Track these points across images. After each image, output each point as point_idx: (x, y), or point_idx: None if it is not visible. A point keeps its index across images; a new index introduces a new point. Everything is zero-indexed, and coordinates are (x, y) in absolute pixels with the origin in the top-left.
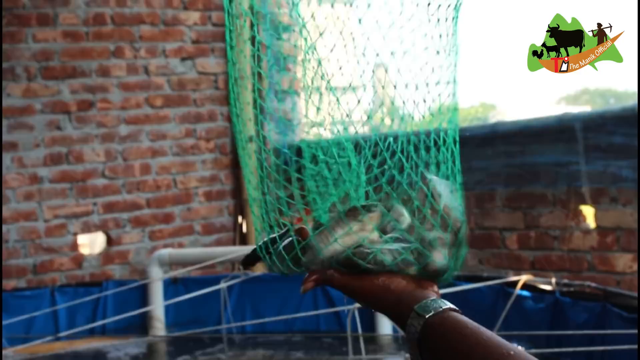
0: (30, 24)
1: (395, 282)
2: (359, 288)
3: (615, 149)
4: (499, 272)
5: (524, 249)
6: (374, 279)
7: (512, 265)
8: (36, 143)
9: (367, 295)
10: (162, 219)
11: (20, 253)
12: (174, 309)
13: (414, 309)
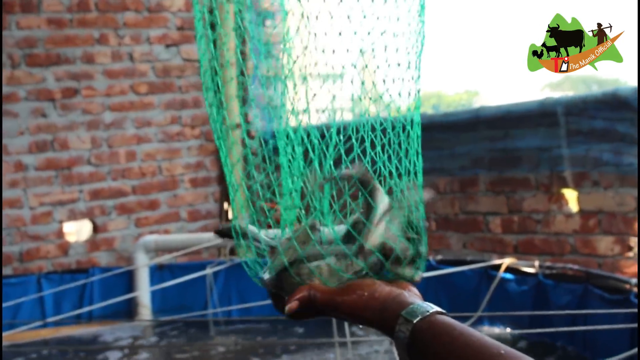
0: (13, 11)
1: (379, 290)
2: (342, 303)
3: (596, 133)
4: (483, 256)
5: (508, 232)
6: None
7: (495, 248)
8: (21, 131)
9: (352, 308)
10: (148, 205)
11: (6, 241)
12: (160, 295)
13: (401, 314)
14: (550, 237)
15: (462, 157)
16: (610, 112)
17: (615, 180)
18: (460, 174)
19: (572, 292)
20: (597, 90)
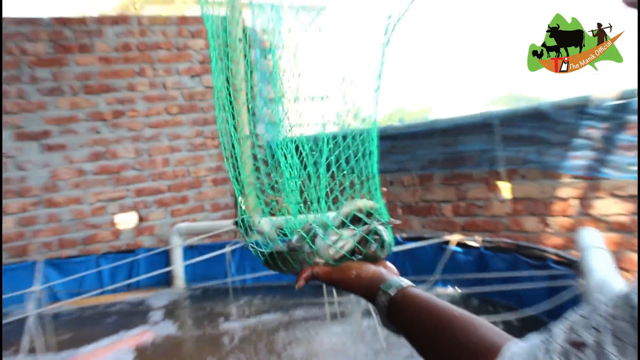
0: (72, 52)
1: (364, 272)
2: (338, 280)
3: (523, 138)
4: (438, 234)
5: (456, 215)
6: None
7: (447, 228)
8: (81, 144)
9: (345, 284)
10: (180, 200)
11: (72, 229)
12: (191, 268)
13: (381, 288)
14: (489, 219)
15: (421, 159)
16: (533, 122)
17: (538, 175)
18: (420, 172)
19: (506, 260)
20: (524, 105)
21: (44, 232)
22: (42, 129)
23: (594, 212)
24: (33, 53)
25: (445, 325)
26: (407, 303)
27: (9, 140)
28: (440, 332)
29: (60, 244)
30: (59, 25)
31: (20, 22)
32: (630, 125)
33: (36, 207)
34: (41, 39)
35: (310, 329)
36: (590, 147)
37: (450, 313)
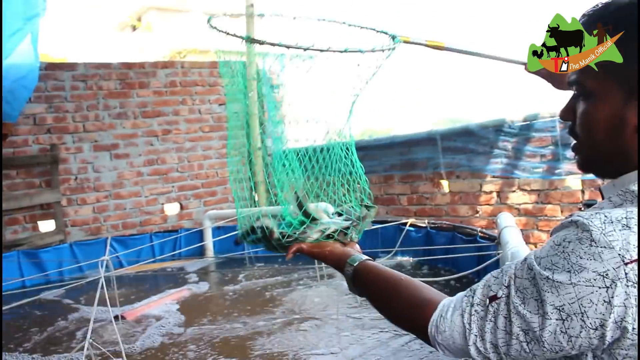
0: (135, 87)
1: (336, 249)
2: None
3: (457, 149)
4: (397, 218)
5: (410, 205)
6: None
7: (403, 214)
8: (139, 153)
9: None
10: (210, 194)
11: (132, 215)
12: (218, 243)
13: (347, 261)
14: (434, 207)
15: (385, 164)
16: (464, 137)
17: (468, 175)
18: (383, 173)
19: (446, 236)
20: (458, 125)
21: (112, 217)
22: (112, 143)
23: (508, 202)
24: (106, 88)
25: (393, 287)
26: (366, 272)
27: (89, 150)
28: (390, 292)
29: (124, 226)
30: (125, 68)
31: (98, 66)
32: (533, 140)
33: (107, 199)
34: (112, 78)
35: (305, 286)
36: (505, 155)
37: (398, 277)
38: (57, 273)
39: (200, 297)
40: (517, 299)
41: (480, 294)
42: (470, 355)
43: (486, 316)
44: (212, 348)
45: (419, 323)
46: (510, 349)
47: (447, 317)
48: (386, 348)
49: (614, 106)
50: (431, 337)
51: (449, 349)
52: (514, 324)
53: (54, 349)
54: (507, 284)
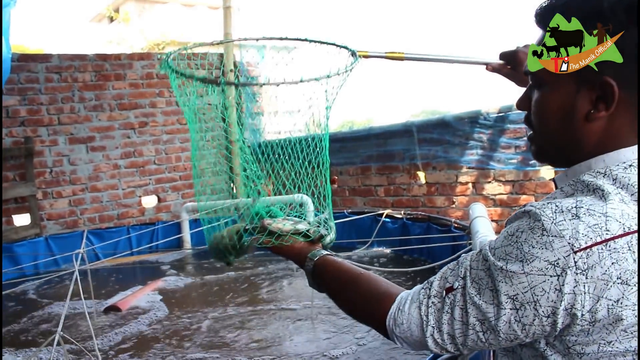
0: (110, 79)
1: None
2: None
3: (434, 140)
4: (374, 209)
5: (387, 196)
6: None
7: (380, 205)
8: (116, 146)
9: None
10: (188, 186)
11: (109, 208)
12: (196, 235)
13: (308, 256)
14: (410, 198)
15: (362, 155)
16: (440, 129)
17: (445, 166)
18: (361, 164)
19: (421, 227)
20: (434, 117)
21: (89, 210)
22: (88, 135)
23: (484, 192)
24: (81, 80)
25: (352, 280)
26: (325, 266)
27: (64, 143)
28: (348, 285)
29: (100, 219)
30: (101, 60)
31: (72, 58)
32: (508, 131)
33: (83, 192)
34: (87, 70)
35: (282, 276)
36: (481, 147)
37: (357, 272)
38: (32, 267)
39: (178, 287)
40: (472, 289)
41: (437, 285)
42: (427, 347)
43: (443, 308)
44: (191, 339)
45: (377, 316)
46: (467, 339)
47: (404, 310)
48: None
49: (565, 95)
50: (389, 330)
51: (407, 342)
52: (470, 314)
53: (27, 344)
54: (463, 275)
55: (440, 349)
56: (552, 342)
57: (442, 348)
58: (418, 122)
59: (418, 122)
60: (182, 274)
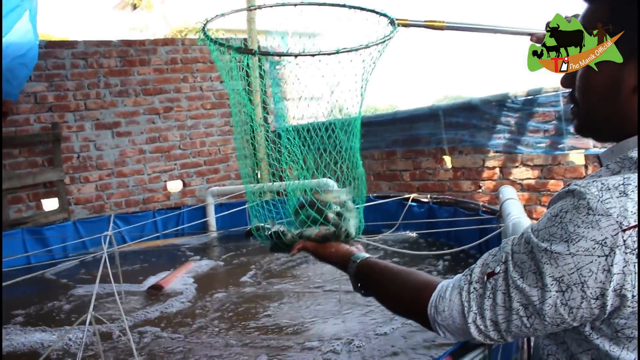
0: (135, 65)
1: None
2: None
3: (460, 124)
4: (399, 194)
5: (413, 180)
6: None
7: (406, 189)
8: (141, 131)
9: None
10: (213, 171)
11: (135, 193)
12: (220, 219)
13: (351, 259)
14: (436, 182)
15: (387, 139)
16: (466, 112)
17: (471, 150)
18: (386, 148)
19: (448, 211)
20: (460, 101)
21: (115, 195)
22: (113, 121)
23: (511, 177)
24: (107, 66)
25: (394, 276)
26: (368, 267)
27: (90, 128)
28: (391, 281)
29: (127, 204)
30: (125, 46)
31: (98, 44)
32: (537, 115)
33: (110, 177)
34: (112, 56)
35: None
36: (508, 131)
37: (398, 268)
38: (62, 250)
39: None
40: (515, 273)
41: (478, 272)
42: (470, 334)
43: (485, 293)
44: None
45: (419, 306)
46: (511, 325)
47: (445, 297)
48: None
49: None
50: (431, 318)
51: (449, 330)
52: (513, 299)
53: (59, 322)
54: (505, 260)
55: (483, 337)
56: (599, 326)
57: (485, 335)
58: (444, 105)
59: (444, 106)
60: (210, 257)
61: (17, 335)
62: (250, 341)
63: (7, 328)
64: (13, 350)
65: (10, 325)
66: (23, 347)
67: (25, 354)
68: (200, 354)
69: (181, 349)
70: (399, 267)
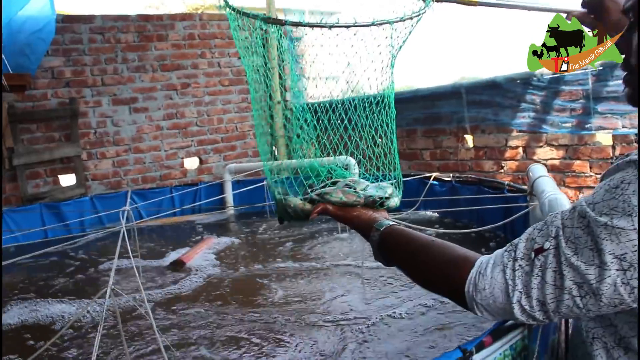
0: (152, 40)
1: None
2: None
3: (483, 102)
4: (420, 172)
5: (433, 160)
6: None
7: (426, 169)
8: (158, 107)
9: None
10: (230, 148)
11: (152, 169)
12: (238, 196)
13: (374, 226)
14: (457, 162)
15: (408, 117)
16: (490, 90)
17: (494, 129)
18: (407, 127)
19: (471, 190)
20: (484, 78)
21: (132, 171)
22: (131, 96)
23: (535, 157)
24: (124, 41)
25: (425, 247)
26: (393, 236)
27: (107, 104)
28: (420, 253)
29: (143, 180)
30: (143, 20)
31: (115, 19)
32: (563, 93)
33: (127, 153)
34: (130, 31)
35: (327, 236)
36: (533, 109)
37: (428, 239)
38: (79, 224)
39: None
40: (568, 249)
41: (523, 247)
42: (512, 315)
43: (532, 271)
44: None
45: (455, 282)
46: (561, 305)
47: (486, 274)
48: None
49: None
50: (468, 297)
51: (489, 310)
52: (566, 277)
53: (80, 294)
54: (555, 235)
55: (527, 317)
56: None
57: (530, 316)
58: (467, 83)
59: (467, 84)
60: (228, 234)
61: (40, 306)
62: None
63: (28, 299)
64: (37, 321)
65: (32, 296)
66: (46, 319)
67: (46, 326)
68: (223, 330)
69: (204, 324)
70: (429, 237)
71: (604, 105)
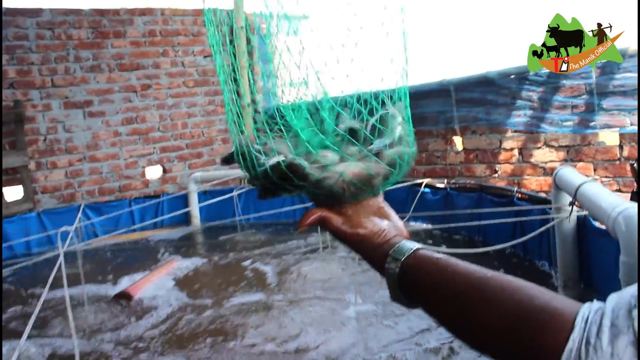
0: (109, 37)
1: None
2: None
3: (474, 100)
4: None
5: (419, 165)
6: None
7: (411, 175)
8: (116, 111)
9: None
10: (196, 155)
11: (110, 180)
12: (205, 209)
13: (389, 253)
14: (446, 167)
15: None
16: (482, 87)
17: (486, 130)
18: None
19: (470, 198)
20: (474, 74)
21: (88, 182)
22: (85, 99)
23: (532, 159)
24: (77, 37)
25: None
26: (423, 266)
27: (59, 108)
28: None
29: (100, 192)
30: (98, 15)
31: (66, 12)
32: (563, 88)
33: (81, 162)
34: (83, 26)
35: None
36: (530, 107)
37: (482, 273)
38: (24, 245)
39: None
40: None
41: None
42: None
43: None
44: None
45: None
46: None
47: (601, 346)
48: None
49: None
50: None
51: None
52: None
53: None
54: None
55: None
56: None
57: None
58: (456, 80)
59: (456, 80)
60: (193, 254)
61: None
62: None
63: None
64: None
65: None
66: None
67: None
68: None
69: None
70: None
71: (610, 101)
